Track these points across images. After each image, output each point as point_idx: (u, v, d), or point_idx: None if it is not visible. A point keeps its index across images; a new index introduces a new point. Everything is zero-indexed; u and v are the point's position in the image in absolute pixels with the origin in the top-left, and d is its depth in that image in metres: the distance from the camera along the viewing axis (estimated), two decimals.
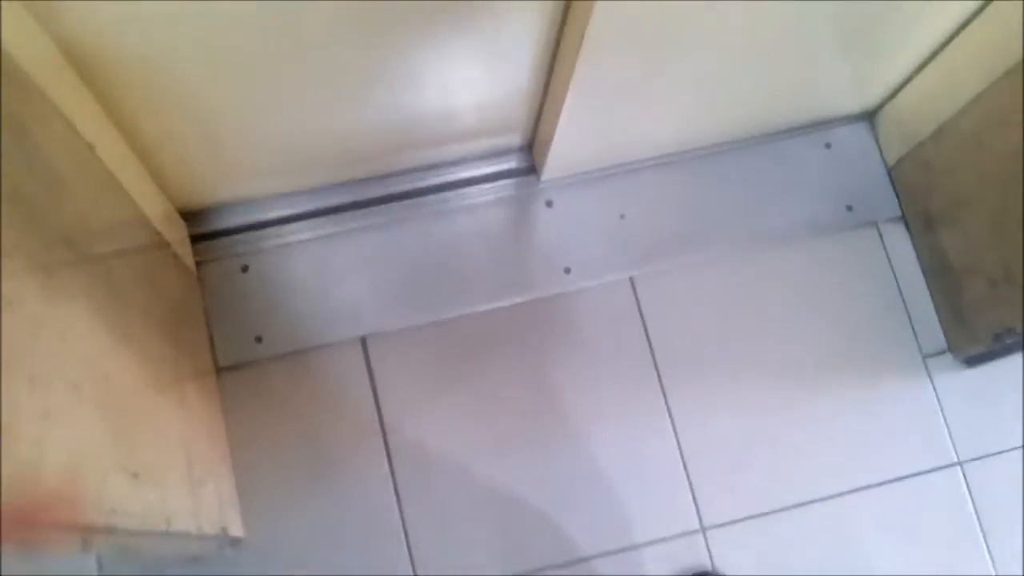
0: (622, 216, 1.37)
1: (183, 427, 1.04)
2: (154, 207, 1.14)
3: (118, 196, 1.00)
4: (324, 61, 0.99)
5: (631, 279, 1.34)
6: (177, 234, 1.25)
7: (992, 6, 1.14)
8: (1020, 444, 1.33)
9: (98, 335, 0.81)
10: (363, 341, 1.29)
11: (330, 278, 1.31)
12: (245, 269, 1.31)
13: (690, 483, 1.28)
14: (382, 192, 1.35)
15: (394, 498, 1.24)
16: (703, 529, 1.26)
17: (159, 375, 0.99)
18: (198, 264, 1.30)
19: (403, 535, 1.23)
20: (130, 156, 1.08)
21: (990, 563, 1.29)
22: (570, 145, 1.25)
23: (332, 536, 1.22)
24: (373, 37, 0.96)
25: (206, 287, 1.29)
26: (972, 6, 1.16)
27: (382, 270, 1.32)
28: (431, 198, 1.35)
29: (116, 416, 0.79)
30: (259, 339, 1.28)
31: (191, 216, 1.31)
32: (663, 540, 1.26)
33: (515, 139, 1.35)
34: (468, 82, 1.13)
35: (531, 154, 1.37)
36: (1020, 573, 1.29)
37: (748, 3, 0.98)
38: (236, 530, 1.17)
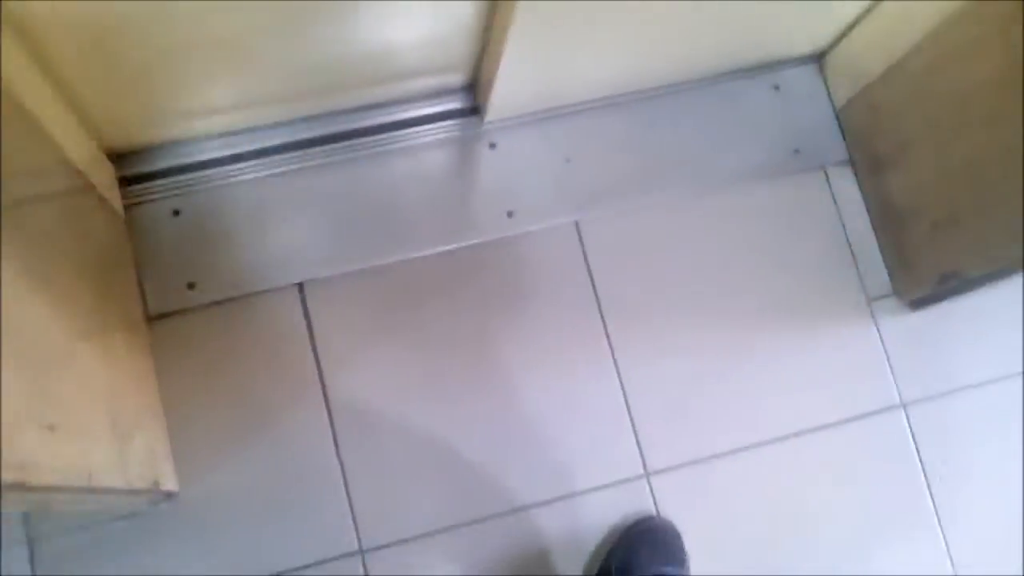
0: (567, 159, 1.34)
1: (109, 378, 1.00)
2: (78, 148, 1.09)
3: (36, 136, 0.95)
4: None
5: (576, 223, 1.32)
6: (104, 176, 1.20)
7: None
8: (963, 386, 1.33)
9: (12, 282, 0.77)
10: (300, 288, 1.25)
11: (266, 222, 1.27)
12: (177, 213, 1.26)
13: (634, 429, 1.27)
14: (320, 132, 1.30)
15: (333, 448, 1.21)
16: (647, 475, 1.26)
17: (82, 325, 0.94)
18: (127, 208, 1.25)
19: (343, 486, 1.20)
20: (51, 94, 1.02)
21: (931, 504, 1.30)
22: (514, 85, 1.22)
23: (270, 488, 1.19)
24: None
25: (135, 232, 1.24)
26: None
27: (320, 214, 1.28)
28: (371, 139, 1.31)
29: (30, 366, 0.75)
30: (191, 286, 1.24)
31: (119, 158, 1.25)
32: (607, 487, 1.25)
33: (458, 78, 1.31)
34: (408, 16, 1.09)
35: (474, 94, 1.34)
36: (960, 515, 1.30)
37: None
38: (170, 484, 1.14)
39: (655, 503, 1.25)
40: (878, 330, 1.34)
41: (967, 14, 1.12)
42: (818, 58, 1.42)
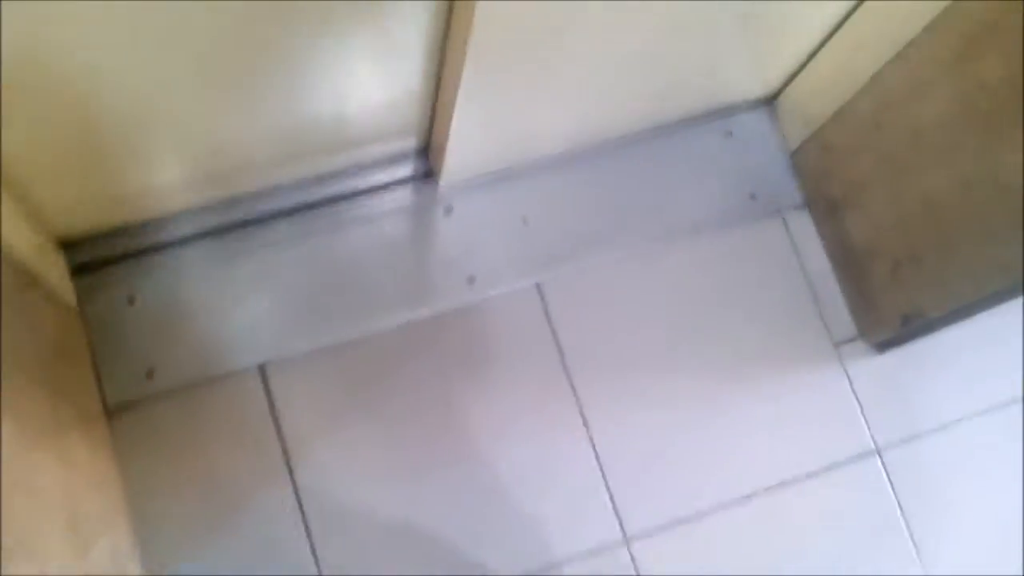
0: (524, 219, 1.33)
1: (66, 483, 0.97)
2: (22, 241, 1.06)
3: None
4: (202, 64, 0.92)
5: (537, 284, 1.31)
6: (53, 267, 1.17)
7: None
8: (935, 426, 1.33)
9: None
10: (262, 369, 1.23)
11: (223, 303, 1.25)
12: (131, 300, 1.23)
13: (609, 492, 1.25)
14: (272, 207, 1.28)
15: (304, 536, 1.19)
16: (626, 540, 1.24)
17: (35, 431, 0.92)
18: (80, 297, 1.22)
19: (315, 570, 1.17)
20: None
21: (913, 549, 1.29)
22: (466, 147, 1.21)
23: None
24: (254, 42, 0.90)
25: (90, 322, 1.21)
26: None
27: (277, 291, 1.26)
28: (325, 210, 1.29)
29: None
30: (150, 374, 1.21)
31: (69, 246, 1.23)
32: (586, 555, 1.23)
33: (410, 143, 1.30)
34: (357, 85, 1.07)
35: (427, 158, 1.32)
36: (943, 555, 1.29)
37: None
38: None
39: (636, 569, 1.23)
40: (847, 374, 1.33)
41: (910, 56, 1.12)
42: (769, 102, 1.42)
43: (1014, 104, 0.98)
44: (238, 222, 1.27)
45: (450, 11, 0.95)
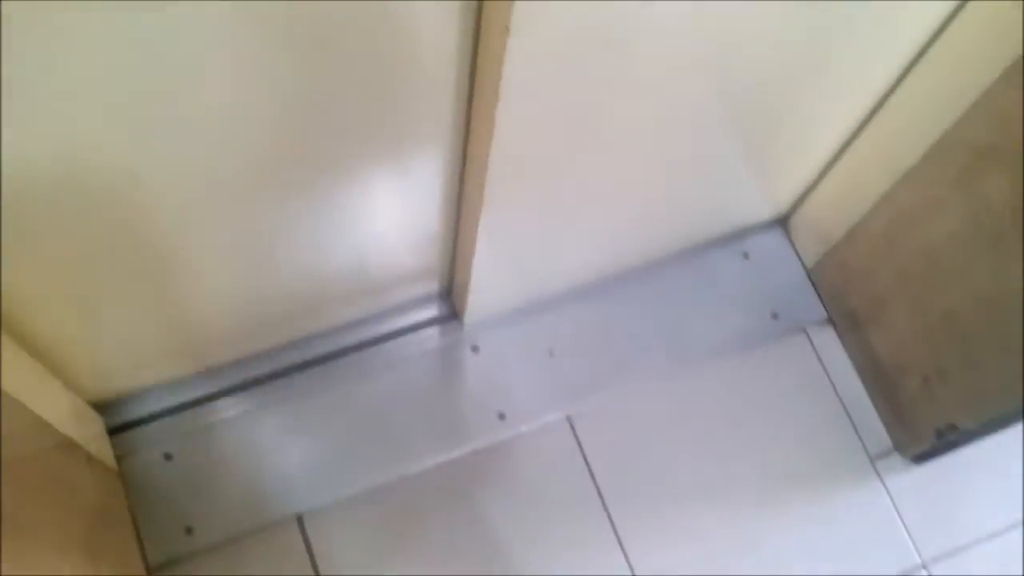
0: (550, 351, 1.34)
1: None
2: (60, 409, 1.09)
3: (22, 416, 0.95)
4: (224, 227, 0.95)
5: (568, 417, 1.31)
6: (91, 430, 1.19)
7: (887, 107, 1.15)
8: (979, 537, 1.31)
9: None
10: (299, 519, 1.23)
11: (258, 455, 1.26)
12: (168, 457, 1.25)
13: None
14: (301, 358, 1.31)
15: None
16: None
17: None
18: (118, 458, 1.24)
19: None
20: (29, 362, 1.02)
21: None
22: (488, 286, 1.23)
23: None
24: (273, 196, 0.93)
25: (128, 482, 1.23)
26: (868, 107, 1.17)
27: (310, 440, 1.27)
28: (353, 357, 1.32)
29: None
30: (189, 530, 1.22)
31: (106, 407, 1.25)
32: None
33: (432, 286, 1.33)
34: (378, 232, 1.10)
35: (450, 299, 1.35)
36: None
37: (648, 113, 0.97)
38: None
39: None
40: (886, 489, 1.32)
41: (918, 176, 1.14)
42: (783, 222, 1.44)
43: (1018, 225, 1.00)
44: (268, 374, 1.29)
45: (466, 154, 0.98)
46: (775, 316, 1.39)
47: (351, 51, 0.75)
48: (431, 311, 1.35)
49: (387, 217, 1.07)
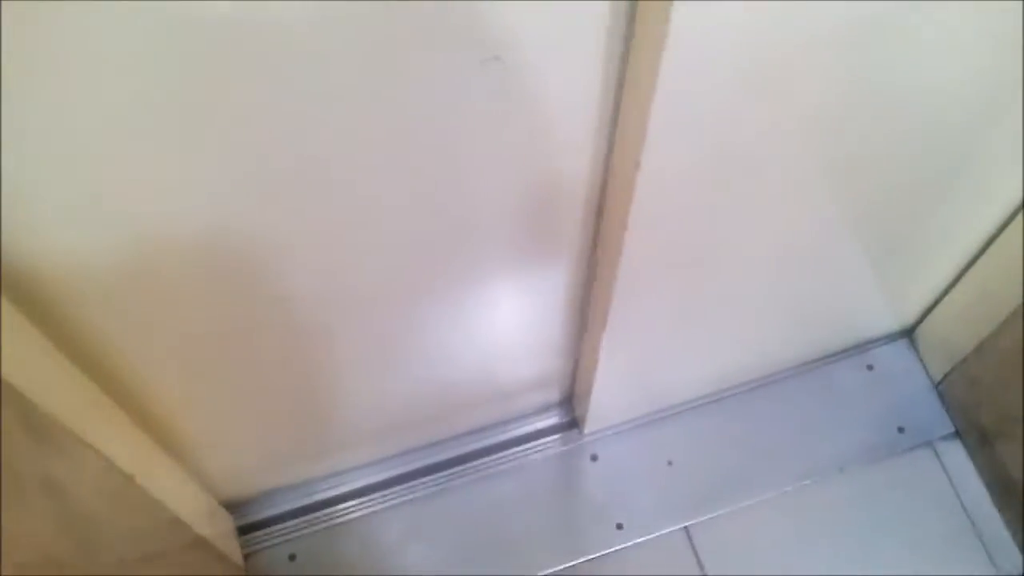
0: (670, 463, 1.34)
1: None
2: (197, 508, 1.13)
3: (158, 514, 0.99)
4: (361, 332, 0.99)
5: (686, 528, 1.30)
6: (222, 528, 1.24)
7: (1016, 222, 1.13)
8: None
9: None
10: None
11: (379, 557, 1.28)
12: (293, 557, 1.29)
13: None
14: (424, 463, 1.34)
15: None
16: None
17: None
18: (245, 557, 1.28)
19: None
20: (171, 465, 1.07)
21: None
22: (610, 395, 1.24)
23: None
24: (410, 301, 0.97)
25: None
26: (1001, 217, 1.15)
27: (431, 544, 1.29)
28: (475, 463, 1.34)
29: None
30: None
31: (237, 506, 1.30)
32: None
33: (554, 394, 1.35)
34: (503, 343, 1.13)
35: (571, 407, 1.37)
36: None
37: (771, 231, 0.98)
38: None
39: None
40: None
41: None
42: (908, 334, 1.42)
43: None
44: (392, 479, 1.33)
45: (592, 273, 1.00)
46: (901, 430, 1.36)
47: (503, 171, 0.79)
48: (552, 419, 1.37)
49: (513, 327, 1.11)
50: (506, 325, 1.09)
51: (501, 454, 1.34)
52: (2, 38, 0.48)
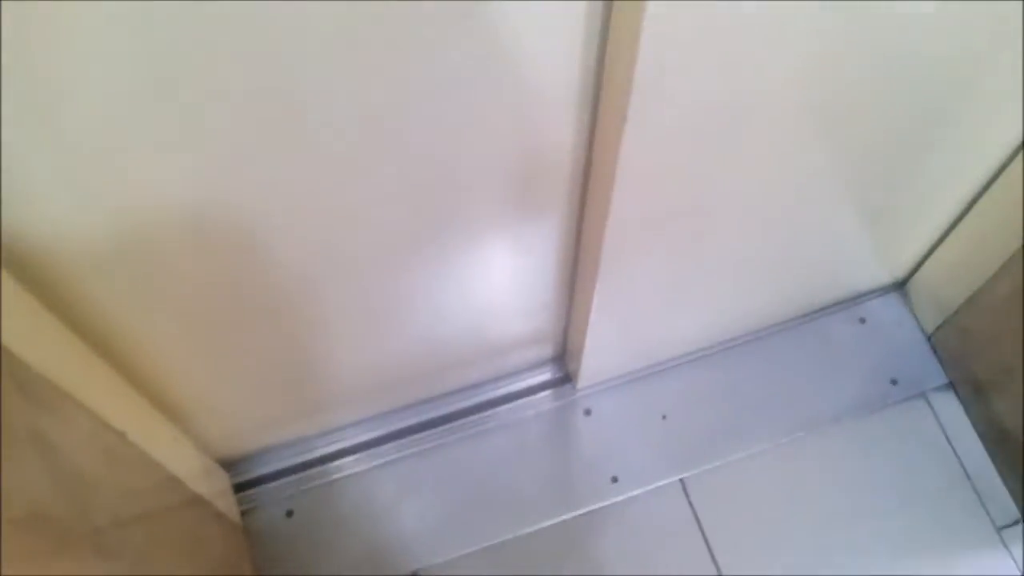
0: (664, 416, 1.35)
1: None
2: (192, 467, 1.14)
3: (153, 472, 1.00)
4: (351, 290, 0.99)
5: (681, 481, 1.31)
6: (218, 486, 1.24)
7: (1012, 166, 1.12)
8: None
9: None
10: None
11: (376, 513, 1.29)
12: (290, 514, 1.30)
13: None
14: (419, 419, 1.34)
15: None
16: None
17: None
18: (243, 514, 1.29)
19: None
20: (164, 424, 1.08)
21: None
22: (601, 352, 1.25)
23: None
24: (399, 260, 0.97)
25: (252, 537, 1.27)
26: (991, 167, 1.14)
27: (427, 499, 1.30)
28: (468, 419, 1.34)
29: None
30: None
31: (232, 464, 1.30)
32: None
33: (546, 350, 1.35)
34: (494, 299, 1.13)
35: (564, 363, 1.37)
36: None
37: (761, 183, 0.97)
38: None
39: None
40: (1014, 560, 1.27)
41: None
42: (900, 286, 1.42)
43: None
44: (387, 435, 1.33)
45: (582, 226, 1.01)
46: (894, 382, 1.37)
47: (487, 130, 0.78)
48: (545, 374, 1.37)
49: (503, 283, 1.10)
50: (497, 283, 1.09)
51: (495, 410, 1.35)
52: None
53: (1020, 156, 1.09)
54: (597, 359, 1.27)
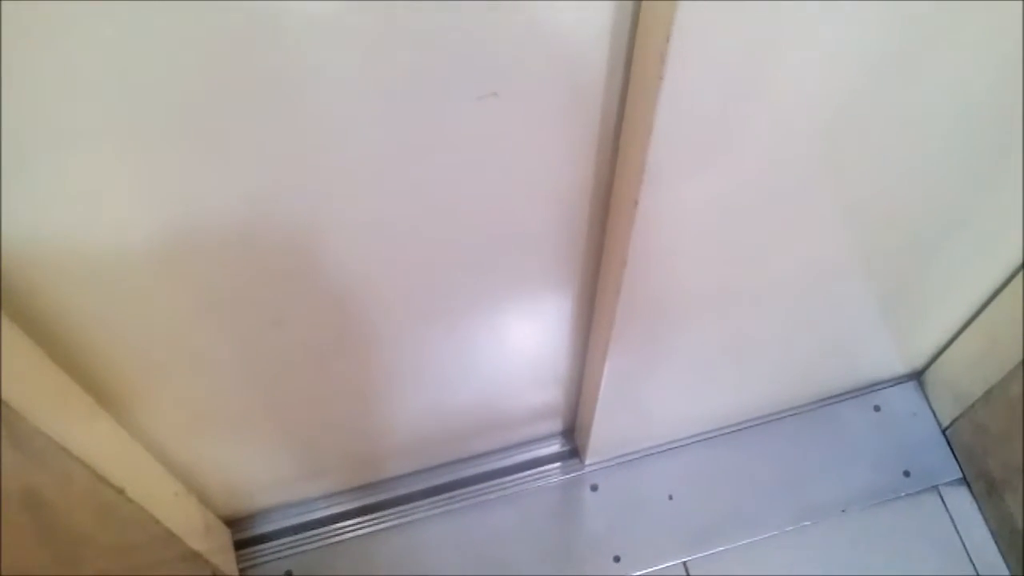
0: (670, 496, 1.33)
1: None
2: (193, 523, 1.13)
3: (150, 528, 0.99)
4: (364, 358, 0.99)
5: (684, 564, 1.29)
6: (219, 543, 1.24)
7: (1019, 279, 1.12)
8: None
9: None
10: None
11: None
12: (289, 574, 1.28)
13: None
14: (424, 486, 1.34)
15: None
16: None
17: None
18: (242, 571, 1.28)
19: None
20: (167, 479, 1.08)
21: None
22: (611, 428, 1.24)
23: None
24: (416, 331, 0.97)
25: None
26: (1011, 264, 1.14)
27: (427, 568, 1.28)
28: (473, 488, 1.34)
29: None
30: None
31: (234, 522, 1.30)
32: None
33: (556, 424, 1.34)
34: (506, 372, 1.13)
35: (573, 438, 1.36)
36: None
37: (780, 267, 0.97)
38: None
39: None
40: None
41: None
42: (917, 376, 1.41)
43: None
44: (391, 500, 1.33)
45: (594, 305, 1.00)
46: (906, 473, 1.35)
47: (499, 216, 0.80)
48: (553, 447, 1.36)
49: (517, 357, 1.11)
50: (510, 356, 1.09)
51: (501, 480, 1.34)
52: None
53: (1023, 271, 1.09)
54: (606, 435, 1.26)
